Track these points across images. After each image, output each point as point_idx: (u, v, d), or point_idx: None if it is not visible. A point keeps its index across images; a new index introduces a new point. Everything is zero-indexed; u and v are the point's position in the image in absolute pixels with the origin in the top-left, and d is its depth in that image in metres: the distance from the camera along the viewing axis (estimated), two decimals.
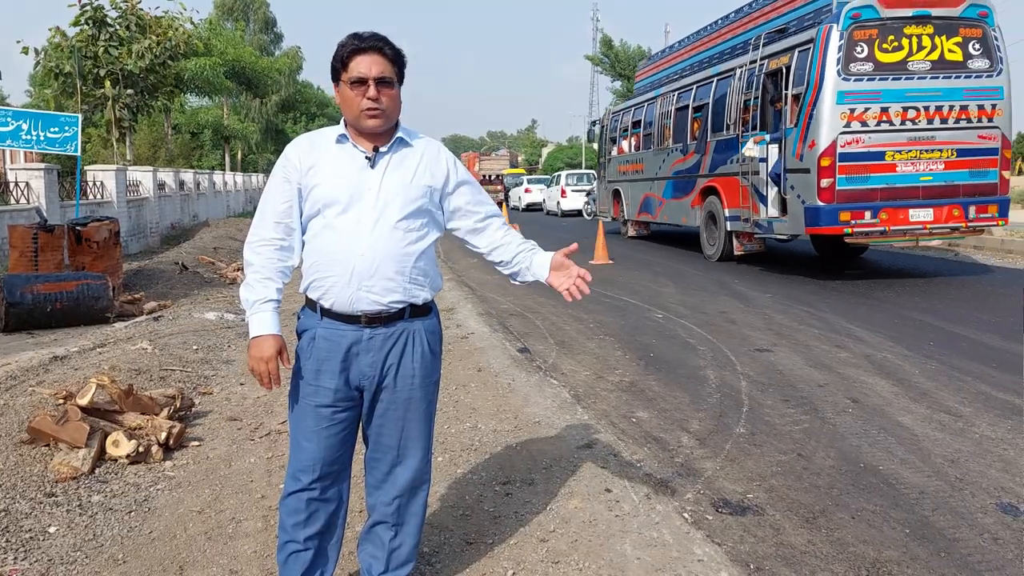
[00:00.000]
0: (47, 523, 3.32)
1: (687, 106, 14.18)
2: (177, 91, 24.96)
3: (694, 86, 14.01)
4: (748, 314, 8.08)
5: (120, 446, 3.99)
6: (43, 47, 19.35)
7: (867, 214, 9.79)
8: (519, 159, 77.63)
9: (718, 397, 5.20)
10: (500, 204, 33.16)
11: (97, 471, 3.86)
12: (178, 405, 4.67)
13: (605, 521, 3.33)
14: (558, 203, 29.76)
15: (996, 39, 9.96)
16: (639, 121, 16.90)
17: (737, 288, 9.81)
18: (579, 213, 28.42)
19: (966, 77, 9.90)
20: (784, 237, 11.78)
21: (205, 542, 3.19)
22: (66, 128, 10.99)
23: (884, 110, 9.78)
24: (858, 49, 9.73)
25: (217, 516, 3.44)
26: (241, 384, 5.61)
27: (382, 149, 2.43)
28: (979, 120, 9.96)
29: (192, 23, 21.89)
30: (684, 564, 2.96)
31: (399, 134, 2.47)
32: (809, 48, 10.16)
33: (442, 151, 2.57)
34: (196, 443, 4.36)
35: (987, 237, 13.86)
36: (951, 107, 9.91)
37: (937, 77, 9.86)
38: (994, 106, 9.98)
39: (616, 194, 18.41)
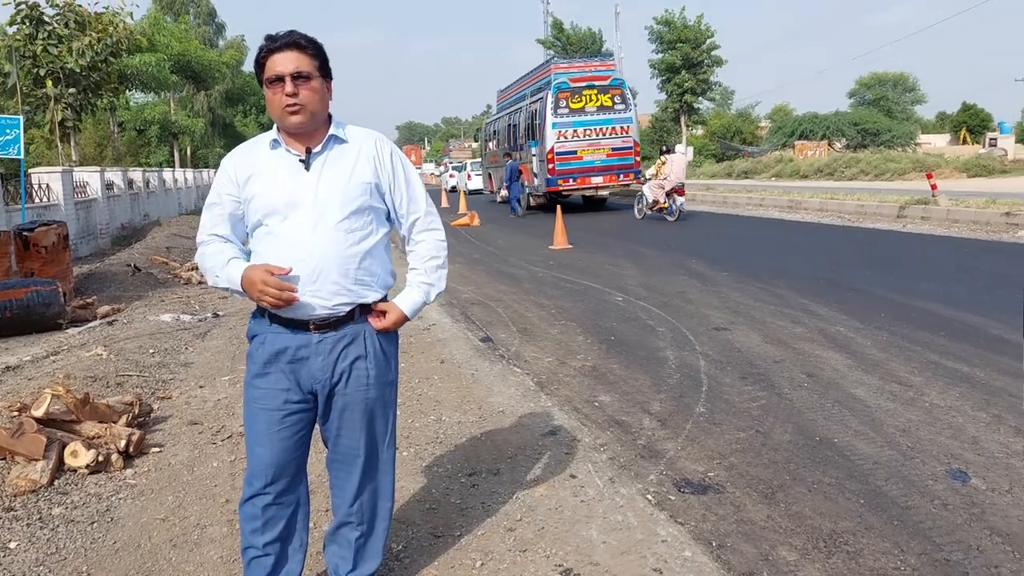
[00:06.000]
0: (7, 539, 3.26)
1: (509, 124, 25.33)
2: (121, 88, 24.36)
3: (511, 112, 25.20)
4: (705, 293, 8.20)
5: (79, 456, 3.92)
6: None
7: (570, 180, 20.68)
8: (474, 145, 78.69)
9: (678, 378, 5.28)
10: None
11: (56, 483, 3.78)
12: (136, 411, 4.60)
13: (571, 507, 3.38)
14: (466, 184, 40.68)
15: (628, 95, 21.06)
16: (494, 131, 28.41)
17: (694, 268, 9.95)
18: (480, 191, 38.43)
19: (614, 113, 20.76)
20: (540, 194, 21.97)
21: (170, 550, 3.17)
22: (7, 131, 10.71)
23: (575, 131, 20.50)
24: (561, 102, 20.44)
25: (182, 523, 3.41)
26: (201, 387, 5.54)
27: (315, 150, 2.36)
28: (622, 134, 20.83)
29: (132, 18, 21.32)
30: (649, 546, 3.02)
31: (332, 131, 2.40)
32: (542, 100, 20.94)
33: (381, 144, 2.47)
34: (157, 449, 4.30)
35: (934, 208, 14.44)
36: (608, 128, 20.70)
37: (600, 114, 20.65)
38: (628, 127, 20.92)
39: (489, 176, 29.84)
